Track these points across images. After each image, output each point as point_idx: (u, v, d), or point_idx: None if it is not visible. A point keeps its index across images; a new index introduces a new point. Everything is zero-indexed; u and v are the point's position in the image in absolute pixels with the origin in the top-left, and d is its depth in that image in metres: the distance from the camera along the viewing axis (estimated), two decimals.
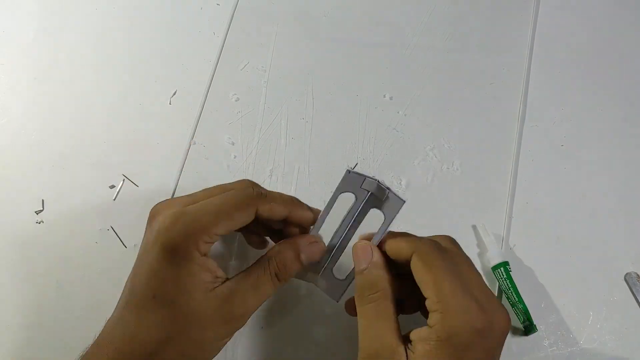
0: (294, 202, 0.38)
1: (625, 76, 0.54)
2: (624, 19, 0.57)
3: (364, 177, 0.37)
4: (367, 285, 0.35)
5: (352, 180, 0.37)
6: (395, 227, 0.36)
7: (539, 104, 0.52)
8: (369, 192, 0.37)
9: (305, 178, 0.49)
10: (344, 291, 0.39)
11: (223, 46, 0.55)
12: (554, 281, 0.45)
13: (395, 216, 0.36)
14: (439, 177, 0.49)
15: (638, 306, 0.44)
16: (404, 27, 0.56)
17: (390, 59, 0.54)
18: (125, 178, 0.50)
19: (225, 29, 0.56)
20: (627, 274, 0.46)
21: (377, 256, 0.36)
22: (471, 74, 0.54)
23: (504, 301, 0.44)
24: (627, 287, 0.45)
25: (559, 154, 0.50)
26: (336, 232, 0.38)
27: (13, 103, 0.53)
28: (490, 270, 0.44)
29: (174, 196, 0.49)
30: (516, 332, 0.43)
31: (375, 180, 0.36)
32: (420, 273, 0.33)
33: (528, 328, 0.42)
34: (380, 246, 0.36)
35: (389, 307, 0.34)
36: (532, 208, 0.48)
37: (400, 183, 0.49)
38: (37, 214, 0.48)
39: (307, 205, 0.39)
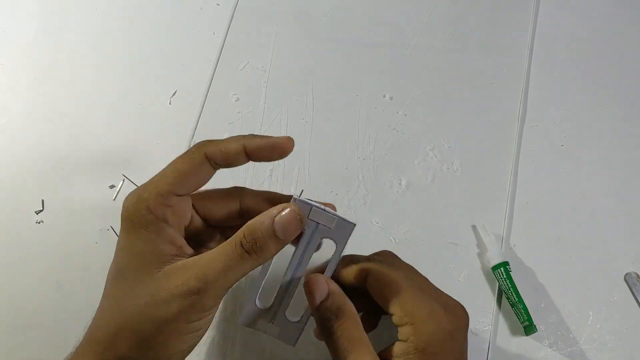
0: (246, 136, 0.33)
1: (625, 76, 0.54)
2: (624, 19, 0.57)
3: (310, 206, 0.32)
4: (331, 315, 0.32)
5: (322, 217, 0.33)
6: (396, 228, 0.36)
7: (539, 104, 0.52)
8: (317, 223, 0.33)
9: (305, 178, 0.49)
10: (300, 334, 0.36)
11: (223, 46, 0.55)
12: (554, 281, 0.45)
13: (347, 242, 0.33)
14: (439, 177, 0.49)
15: (638, 306, 0.44)
16: (404, 27, 0.56)
17: (390, 59, 0.54)
18: (125, 178, 0.50)
19: (225, 29, 0.56)
20: (627, 274, 0.46)
21: (333, 285, 0.34)
22: (471, 74, 0.54)
23: (504, 301, 0.44)
24: (627, 287, 0.45)
25: (559, 154, 0.50)
26: (287, 269, 0.34)
27: (13, 103, 0.53)
28: (490, 270, 0.44)
29: None
30: (516, 332, 0.43)
31: (322, 208, 0.32)
32: (379, 292, 0.33)
33: (528, 328, 0.42)
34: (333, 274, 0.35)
35: (360, 331, 0.32)
36: (532, 208, 0.48)
37: (400, 183, 0.49)
38: (37, 214, 0.48)
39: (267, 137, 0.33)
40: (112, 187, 0.49)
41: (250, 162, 0.33)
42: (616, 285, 0.45)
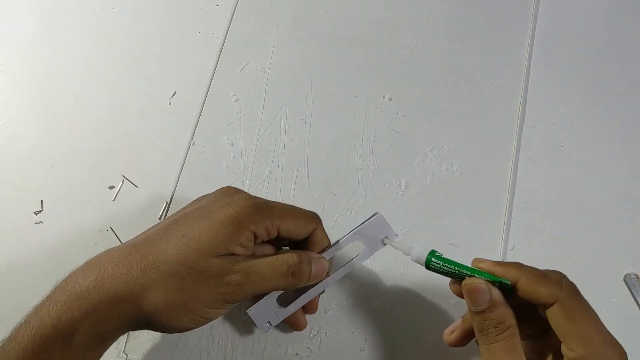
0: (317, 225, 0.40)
1: (625, 77, 0.54)
2: (624, 20, 0.57)
3: (391, 228, 0.39)
4: (493, 323, 0.33)
5: (378, 226, 0.39)
6: (395, 228, 0.36)
7: (538, 105, 0.52)
8: (384, 244, 0.39)
9: (304, 179, 0.49)
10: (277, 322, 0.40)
11: (223, 47, 0.55)
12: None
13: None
14: (438, 178, 0.49)
15: (637, 307, 0.44)
16: (404, 28, 0.56)
17: (390, 60, 0.54)
18: (124, 179, 0.50)
19: (224, 30, 0.56)
20: (626, 275, 0.46)
21: (496, 293, 0.34)
22: (471, 75, 0.54)
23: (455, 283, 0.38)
24: (626, 288, 0.45)
25: (559, 155, 0.50)
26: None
27: (12, 103, 0.53)
28: (425, 267, 0.38)
29: (174, 196, 0.49)
30: None
31: (396, 234, 0.39)
32: (564, 324, 0.32)
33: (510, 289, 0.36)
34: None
35: (518, 343, 0.33)
36: (531, 209, 0.48)
37: (399, 184, 0.49)
38: (36, 214, 0.48)
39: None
40: (111, 187, 0.49)
41: (250, 162, 0.35)
42: (615, 286, 0.45)
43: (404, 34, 0.56)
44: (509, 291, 0.34)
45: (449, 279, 0.37)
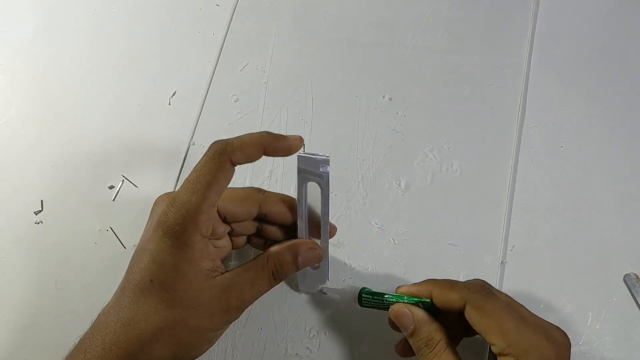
0: (264, 136, 0.36)
1: (625, 77, 0.54)
2: (624, 19, 0.57)
3: (315, 155, 0.37)
4: (423, 342, 0.35)
5: (308, 163, 0.37)
6: (395, 228, 0.36)
7: (538, 105, 0.52)
8: (328, 172, 0.37)
9: None
10: (327, 275, 0.42)
11: (222, 47, 0.55)
12: (553, 282, 0.45)
13: (328, 186, 0.37)
14: (438, 178, 0.49)
15: (637, 307, 0.44)
16: (404, 27, 0.56)
17: (390, 60, 0.54)
18: (124, 179, 0.50)
19: (224, 30, 0.56)
20: (626, 275, 0.46)
21: (418, 313, 0.36)
22: (470, 75, 0.54)
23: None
24: (626, 288, 0.45)
25: (559, 155, 0.50)
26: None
27: (12, 103, 0.53)
28: (360, 306, 0.40)
29: None
30: None
31: (325, 156, 0.37)
32: (479, 321, 0.33)
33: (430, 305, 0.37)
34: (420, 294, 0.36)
35: (450, 355, 0.34)
36: (531, 209, 0.48)
37: (399, 184, 0.49)
38: (36, 214, 0.48)
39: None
40: (111, 187, 0.49)
41: (250, 163, 0.35)
42: (615, 286, 0.45)
43: (404, 34, 0.56)
44: (432, 308, 0.36)
45: None
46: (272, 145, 0.35)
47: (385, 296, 0.38)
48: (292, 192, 0.49)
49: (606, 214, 0.48)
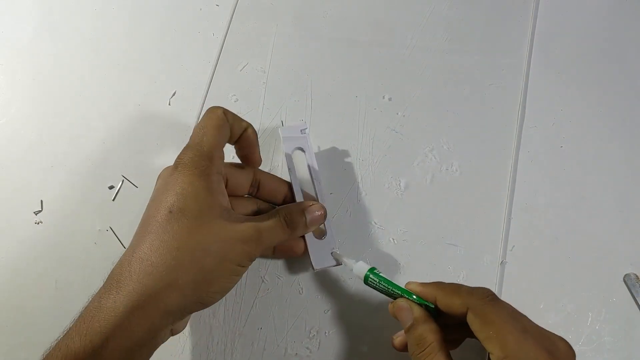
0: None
1: (625, 77, 0.54)
2: (624, 20, 0.57)
3: (298, 127, 0.47)
4: (415, 340, 0.35)
5: (290, 131, 0.45)
6: (395, 229, 0.36)
7: (538, 105, 0.52)
8: (307, 131, 0.46)
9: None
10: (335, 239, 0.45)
11: (222, 47, 0.55)
12: (553, 282, 0.45)
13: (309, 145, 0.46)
14: (438, 178, 0.49)
15: (637, 307, 0.44)
16: (403, 27, 0.56)
17: (390, 60, 0.54)
18: (124, 179, 0.50)
19: (224, 30, 0.56)
20: (626, 275, 0.46)
21: (418, 311, 0.36)
22: (470, 75, 0.54)
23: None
24: (626, 288, 0.45)
25: (559, 155, 0.50)
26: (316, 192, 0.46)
27: (12, 103, 0.53)
28: (364, 283, 0.40)
29: None
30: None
31: (304, 120, 0.45)
32: (479, 328, 0.33)
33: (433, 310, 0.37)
34: (425, 296, 0.37)
35: (440, 359, 0.33)
36: (531, 209, 0.48)
37: (399, 184, 0.49)
38: (36, 214, 0.48)
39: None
40: (111, 187, 0.49)
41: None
42: (615, 286, 0.45)
43: (404, 34, 0.56)
44: (434, 313, 0.36)
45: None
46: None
47: (393, 286, 0.38)
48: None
49: (606, 214, 0.48)
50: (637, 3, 0.57)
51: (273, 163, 0.50)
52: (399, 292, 0.38)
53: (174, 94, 0.53)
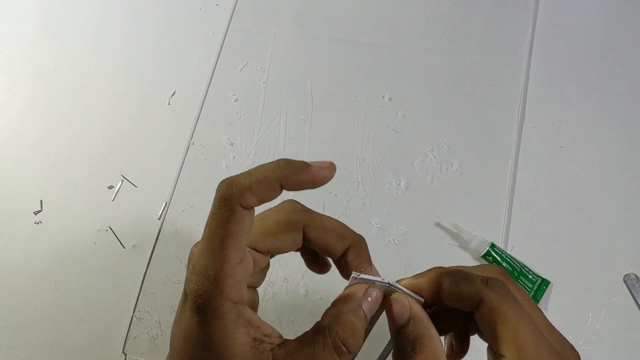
0: (281, 167, 0.28)
1: (625, 77, 0.54)
2: (623, 20, 0.56)
3: (373, 281, 0.31)
4: (408, 346, 0.29)
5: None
6: (395, 228, 0.36)
7: (538, 105, 0.52)
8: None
9: None
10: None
11: (222, 47, 0.55)
12: (553, 282, 0.45)
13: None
14: (438, 178, 0.49)
15: (637, 307, 0.44)
16: (404, 28, 0.56)
17: (390, 60, 0.54)
18: (124, 179, 0.50)
19: (224, 30, 0.56)
20: (626, 275, 0.46)
21: (416, 308, 0.30)
22: (470, 75, 0.54)
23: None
24: (626, 288, 0.45)
25: (558, 155, 0.50)
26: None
27: (12, 103, 0.53)
28: (481, 258, 0.41)
29: (173, 196, 0.49)
30: None
31: (387, 282, 0.30)
32: (491, 326, 0.28)
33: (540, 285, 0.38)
34: (420, 292, 0.31)
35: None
36: (531, 209, 0.48)
37: (399, 184, 0.49)
38: (36, 214, 0.48)
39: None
40: (110, 187, 0.49)
41: (249, 162, 0.34)
42: (615, 286, 0.45)
43: (404, 34, 0.56)
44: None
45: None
46: (291, 179, 0.28)
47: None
48: (293, 193, 0.49)
49: (606, 214, 0.48)
50: (637, 3, 0.57)
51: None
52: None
53: (173, 94, 0.53)
